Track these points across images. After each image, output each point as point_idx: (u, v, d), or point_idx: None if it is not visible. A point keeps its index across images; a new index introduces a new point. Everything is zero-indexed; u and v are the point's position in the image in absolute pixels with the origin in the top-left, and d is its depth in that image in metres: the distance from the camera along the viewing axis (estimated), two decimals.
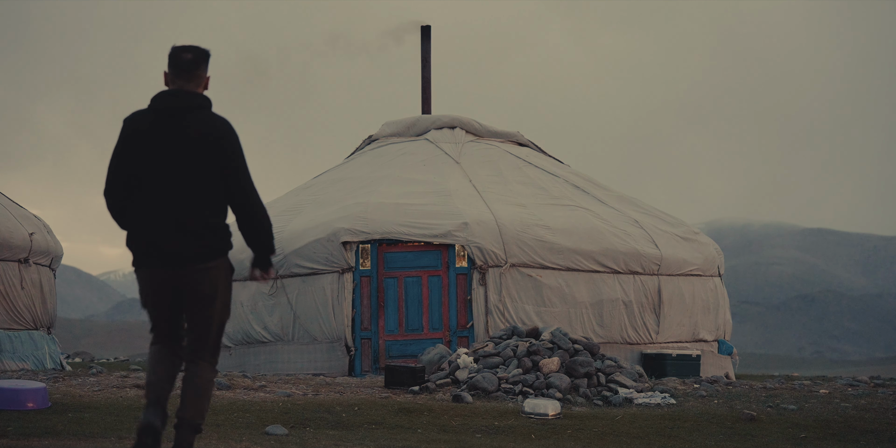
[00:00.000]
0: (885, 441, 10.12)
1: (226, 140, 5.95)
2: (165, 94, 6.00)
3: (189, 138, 5.91)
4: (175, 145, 5.91)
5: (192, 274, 5.97)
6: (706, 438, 9.95)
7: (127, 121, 6.07)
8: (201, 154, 5.91)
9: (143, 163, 5.94)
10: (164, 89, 6.04)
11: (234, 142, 5.99)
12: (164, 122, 5.94)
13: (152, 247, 5.94)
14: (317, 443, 8.88)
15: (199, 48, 6.06)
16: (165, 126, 5.94)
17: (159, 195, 5.92)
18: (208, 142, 5.92)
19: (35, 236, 17.98)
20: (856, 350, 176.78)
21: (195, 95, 6.00)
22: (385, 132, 19.84)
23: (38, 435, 8.64)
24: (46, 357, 17.97)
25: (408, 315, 15.74)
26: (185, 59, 6.00)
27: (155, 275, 5.99)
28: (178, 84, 6.01)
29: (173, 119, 5.94)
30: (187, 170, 5.91)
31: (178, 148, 5.91)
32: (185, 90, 5.99)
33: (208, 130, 5.93)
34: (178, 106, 5.95)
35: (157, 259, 5.95)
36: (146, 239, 5.95)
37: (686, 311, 17.14)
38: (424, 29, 20.46)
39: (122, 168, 6.00)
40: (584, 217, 16.90)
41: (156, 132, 5.94)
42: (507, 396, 11.99)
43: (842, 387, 14.44)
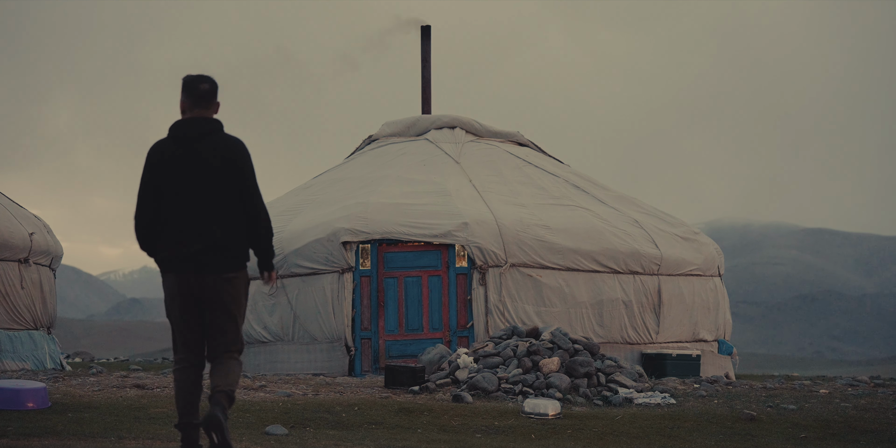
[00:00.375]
0: (885, 441, 10.12)
1: (240, 160, 6.67)
2: (183, 122, 6.71)
3: (209, 161, 6.62)
4: (197, 168, 6.62)
5: (215, 282, 6.62)
6: (706, 438, 9.95)
7: (151, 150, 6.75)
8: (220, 174, 6.64)
9: (171, 185, 6.63)
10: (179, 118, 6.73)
11: (247, 161, 6.71)
12: (186, 147, 6.64)
13: (182, 255, 6.61)
14: (317, 443, 8.88)
15: (212, 79, 6.74)
16: (187, 151, 6.64)
17: (187, 213, 6.62)
18: (225, 163, 6.64)
19: (35, 236, 17.98)
20: (856, 350, 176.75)
21: (211, 121, 6.70)
22: (385, 132, 19.84)
23: (38, 435, 8.64)
24: (46, 357, 17.97)
25: (408, 315, 15.74)
26: (203, 90, 6.69)
27: (183, 280, 6.63)
28: (197, 112, 6.70)
29: (193, 144, 6.64)
30: (210, 189, 6.62)
31: (199, 170, 6.62)
32: (202, 117, 6.69)
33: (224, 152, 6.65)
34: (197, 132, 6.66)
35: (187, 265, 6.61)
36: (177, 249, 6.62)
37: (686, 311, 17.14)
38: (424, 29, 20.46)
39: (150, 193, 6.68)
40: (584, 217, 16.90)
41: (179, 157, 6.63)
42: (507, 396, 11.99)
43: (842, 387, 14.44)
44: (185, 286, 6.64)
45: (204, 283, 6.61)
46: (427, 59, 20.31)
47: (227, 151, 6.66)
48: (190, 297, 6.65)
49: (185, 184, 6.62)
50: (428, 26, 20.48)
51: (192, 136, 6.66)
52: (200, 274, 6.61)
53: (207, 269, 6.60)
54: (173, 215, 6.63)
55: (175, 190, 6.63)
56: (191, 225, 6.61)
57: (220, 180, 6.64)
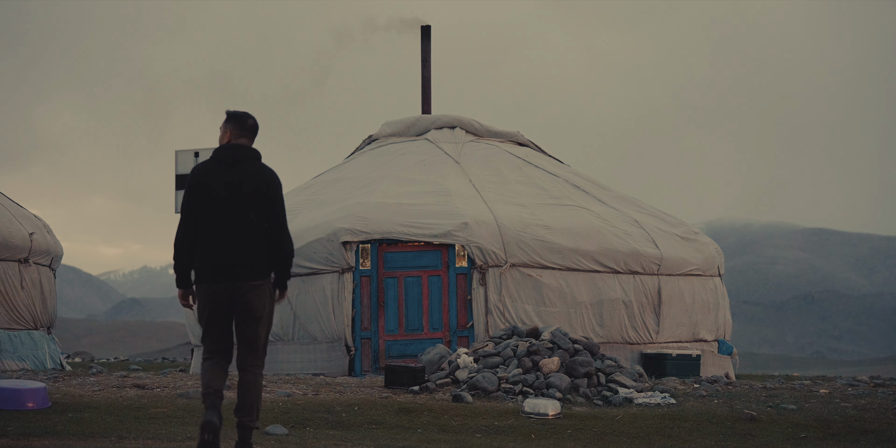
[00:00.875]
0: (885, 441, 10.12)
1: (272, 189, 7.51)
2: (227, 147, 7.53)
3: (244, 184, 7.46)
4: (235, 189, 7.45)
5: (244, 290, 7.42)
6: (706, 438, 9.95)
7: (195, 171, 7.58)
8: (254, 198, 7.46)
9: (209, 203, 7.45)
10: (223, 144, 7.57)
11: (278, 190, 7.55)
12: (227, 170, 7.48)
13: (216, 267, 7.41)
14: (317, 443, 8.88)
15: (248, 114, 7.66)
16: (228, 173, 7.48)
17: (222, 231, 7.43)
18: (260, 188, 7.47)
19: (35, 236, 17.98)
20: (856, 350, 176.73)
21: (251, 149, 7.56)
22: (385, 132, 19.84)
23: (38, 435, 8.64)
24: (46, 357, 17.97)
25: (408, 315, 15.73)
26: (250, 123, 7.61)
27: (216, 290, 7.43)
28: (240, 140, 7.56)
29: (233, 167, 7.48)
30: (243, 210, 7.45)
31: (235, 191, 7.45)
32: (243, 145, 7.54)
33: (259, 179, 7.49)
34: (240, 157, 7.50)
35: (220, 276, 7.40)
36: (211, 261, 7.42)
37: (686, 310, 17.14)
38: (424, 29, 20.46)
39: (192, 213, 7.49)
40: (584, 217, 16.89)
41: (220, 178, 7.47)
42: (507, 396, 11.98)
43: (842, 387, 14.44)
44: (217, 295, 7.43)
45: (234, 291, 7.41)
46: (427, 59, 20.31)
47: (262, 179, 7.49)
48: (220, 304, 7.45)
49: (222, 203, 7.44)
50: (428, 26, 20.48)
51: (234, 160, 7.48)
52: (232, 283, 7.40)
53: (237, 279, 7.40)
54: (210, 232, 7.44)
55: (212, 208, 7.45)
56: (225, 242, 7.42)
57: (252, 203, 7.45)
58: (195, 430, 9.30)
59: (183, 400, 11.12)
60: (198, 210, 7.45)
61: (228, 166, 7.47)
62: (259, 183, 7.47)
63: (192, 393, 11.44)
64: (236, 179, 7.44)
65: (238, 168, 7.47)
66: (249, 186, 7.45)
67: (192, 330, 17.99)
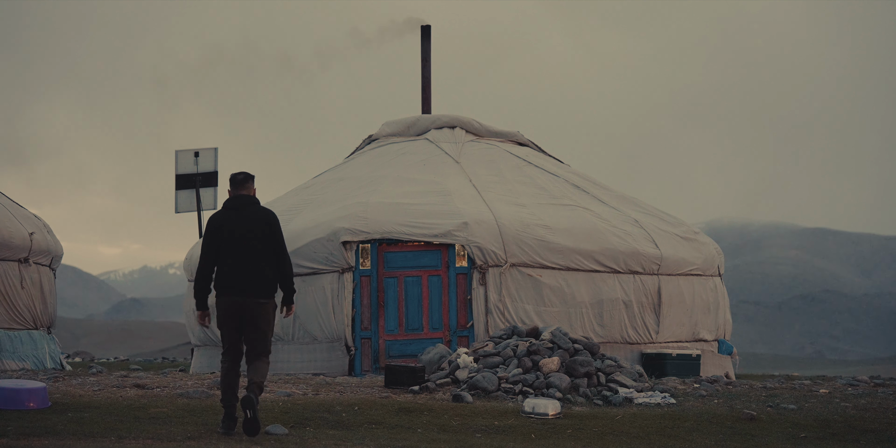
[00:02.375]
0: (885, 441, 10.12)
1: (272, 225, 9.68)
2: (233, 198, 9.78)
3: (251, 223, 9.64)
4: (243, 228, 9.62)
5: (253, 306, 9.55)
6: (706, 438, 9.95)
7: (212, 218, 9.75)
8: (259, 233, 9.63)
9: (226, 239, 9.59)
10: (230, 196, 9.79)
11: (277, 226, 9.74)
12: (236, 214, 9.68)
13: (232, 287, 9.55)
14: (317, 442, 8.88)
15: (246, 172, 9.87)
16: (237, 217, 9.67)
17: (236, 259, 9.57)
18: (262, 226, 9.65)
19: (35, 236, 17.97)
20: (856, 350, 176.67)
21: (250, 197, 9.80)
22: (385, 132, 19.82)
23: (38, 434, 8.64)
24: (46, 357, 17.97)
25: (408, 315, 15.73)
26: (240, 178, 9.82)
27: (232, 302, 9.54)
28: (241, 192, 9.79)
29: (241, 211, 9.70)
30: (251, 244, 9.60)
31: (244, 230, 9.61)
32: (244, 195, 9.78)
33: (262, 219, 9.69)
34: (242, 204, 9.73)
35: (234, 292, 9.54)
36: (228, 281, 9.56)
37: (686, 310, 17.13)
38: (424, 29, 20.44)
39: (213, 250, 9.62)
40: (584, 217, 16.89)
41: (231, 221, 9.65)
42: (507, 396, 11.98)
43: (842, 386, 14.43)
44: (232, 306, 9.55)
45: (245, 305, 9.52)
46: (427, 59, 20.30)
47: (264, 219, 9.71)
48: (235, 313, 9.55)
49: (235, 239, 9.58)
50: (428, 26, 20.46)
51: (238, 206, 9.73)
52: (243, 298, 9.52)
53: (246, 296, 9.52)
54: (227, 261, 9.59)
55: (228, 243, 9.58)
56: (238, 268, 9.56)
57: (258, 238, 9.62)
58: (195, 429, 9.30)
59: (183, 400, 11.12)
60: (217, 247, 9.61)
61: (237, 211, 9.70)
62: (261, 222, 9.68)
63: (192, 393, 11.44)
64: (244, 221, 9.65)
65: (244, 212, 9.70)
66: (254, 225, 9.64)
67: (191, 330, 17.99)
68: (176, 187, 22.92)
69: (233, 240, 9.59)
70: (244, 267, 9.55)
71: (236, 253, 9.57)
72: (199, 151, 22.91)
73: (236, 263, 9.56)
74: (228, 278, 9.56)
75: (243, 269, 9.55)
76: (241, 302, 9.52)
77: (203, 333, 17.46)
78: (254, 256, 9.57)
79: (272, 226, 9.68)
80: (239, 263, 9.55)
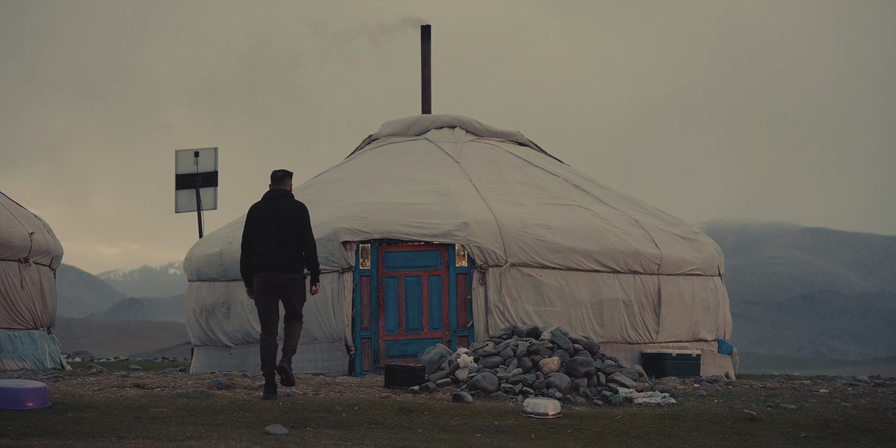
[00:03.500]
0: (886, 440, 10.12)
1: (302, 215, 11.58)
2: (270, 191, 11.73)
3: (284, 213, 11.55)
4: (277, 216, 11.55)
5: (285, 281, 11.48)
6: (706, 438, 9.95)
7: (252, 208, 11.74)
8: (290, 221, 11.52)
9: (262, 226, 11.56)
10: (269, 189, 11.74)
11: (306, 215, 11.60)
12: (271, 204, 11.64)
13: (268, 264, 11.47)
14: (317, 442, 8.88)
15: (285, 170, 11.83)
16: (272, 207, 11.63)
17: (272, 242, 11.50)
18: (293, 215, 11.55)
19: (35, 236, 17.97)
20: (856, 350, 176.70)
21: (284, 191, 11.73)
22: (385, 132, 19.82)
23: (38, 434, 8.65)
24: (46, 357, 17.97)
25: (408, 315, 15.73)
26: (278, 175, 11.80)
27: (267, 277, 11.46)
28: (279, 186, 11.74)
29: (275, 202, 11.63)
30: (283, 229, 11.51)
31: (278, 218, 11.54)
32: (279, 189, 11.72)
33: (293, 209, 11.59)
34: (278, 196, 11.68)
35: (269, 270, 11.47)
36: (265, 261, 11.47)
37: (686, 310, 17.13)
38: (424, 29, 20.43)
39: (252, 234, 11.59)
40: (584, 216, 16.89)
41: (266, 211, 11.63)
42: (507, 396, 11.98)
43: (842, 386, 14.43)
44: (269, 281, 11.45)
45: (277, 280, 11.44)
46: (427, 59, 20.29)
47: (294, 209, 11.59)
48: (270, 287, 11.46)
49: (270, 226, 11.51)
50: (428, 26, 20.46)
51: (274, 198, 11.67)
52: (276, 275, 11.43)
53: (279, 272, 11.43)
54: (263, 243, 11.51)
55: (264, 228, 11.52)
56: (273, 249, 11.46)
57: (289, 225, 11.50)
58: (195, 429, 9.31)
59: (183, 400, 11.12)
60: (254, 232, 11.54)
61: (272, 202, 11.63)
62: (291, 212, 11.54)
63: (192, 393, 11.44)
64: (277, 211, 11.56)
65: (278, 203, 11.61)
66: (287, 215, 11.52)
67: (191, 330, 18.00)
68: (176, 187, 22.92)
69: (267, 226, 11.53)
70: (276, 249, 11.44)
71: (269, 237, 11.49)
72: (199, 151, 22.91)
73: (269, 246, 11.46)
74: (264, 258, 11.46)
75: (275, 250, 11.44)
76: (273, 277, 11.42)
77: (203, 333, 17.47)
78: (284, 240, 11.45)
79: (301, 215, 11.55)
80: (272, 246, 11.46)
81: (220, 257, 17.12)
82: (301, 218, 11.49)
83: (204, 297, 17.44)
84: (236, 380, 12.73)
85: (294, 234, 11.44)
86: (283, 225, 11.46)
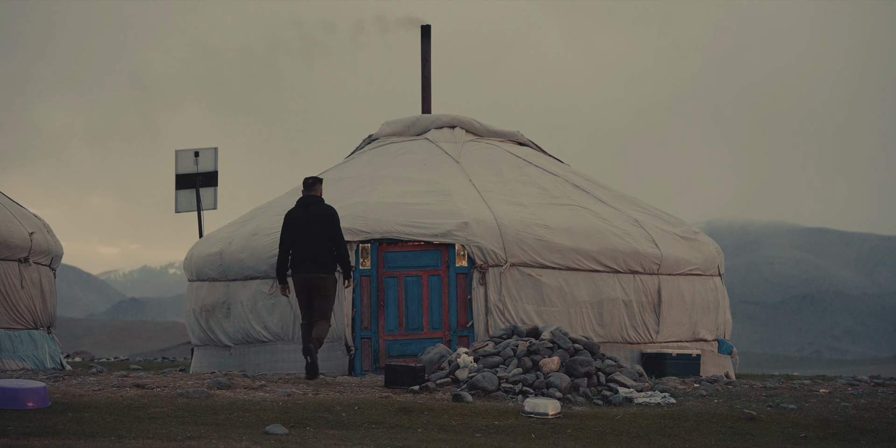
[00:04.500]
0: (886, 440, 10.12)
1: (333, 219, 13.09)
2: (303, 198, 13.26)
3: (316, 217, 13.07)
4: (310, 221, 13.08)
5: (316, 280, 13.07)
6: (706, 438, 9.95)
7: (287, 214, 13.30)
8: (322, 225, 13.03)
9: (297, 230, 13.10)
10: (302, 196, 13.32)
11: (337, 219, 13.12)
12: (304, 210, 13.16)
13: (302, 264, 13.09)
14: (317, 442, 8.88)
15: (316, 176, 13.41)
16: (304, 213, 13.14)
17: (305, 244, 13.08)
18: (325, 219, 13.06)
19: (35, 236, 17.96)
20: (855, 349, 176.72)
21: (316, 197, 13.24)
22: (385, 131, 19.82)
23: (38, 434, 8.65)
24: (46, 356, 17.96)
25: (408, 314, 15.72)
26: (309, 182, 13.33)
27: (302, 277, 13.09)
28: (310, 192, 13.27)
29: (307, 208, 13.15)
30: (317, 232, 13.05)
31: (311, 222, 13.07)
32: (311, 195, 13.26)
33: (325, 213, 13.10)
34: (310, 202, 13.19)
35: (303, 269, 13.09)
36: (301, 262, 13.09)
37: (686, 310, 17.13)
38: (424, 29, 20.42)
39: (288, 238, 13.17)
40: (584, 216, 16.88)
41: (300, 216, 13.16)
42: (507, 396, 11.98)
43: (842, 386, 14.43)
44: (302, 280, 13.07)
45: (311, 279, 13.04)
46: (427, 59, 20.28)
47: (325, 213, 13.08)
48: (305, 285, 13.09)
49: (304, 230, 13.03)
50: (428, 26, 20.45)
51: (306, 204, 13.18)
52: (309, 274, 13.03)
53: (312, 272, 13.03)
54: (298, 246, 13.09)
55: (299, 233, 13.05)
56: (306, 251, 13.05)
57: (321, 228, 13.00)
58: (195, 429, 9.31)
59: (183, 400, 11.12)
60: (290, 236, 13.07)
61: (304, 208, 13.14)
62: (322, 216, 13.04)
63: (192, 393, 11.44)
64: (310, 215, 13.06)
65: (310, 208, 13.10)
66: (318, 218, 13.00)
67: (191, 330, 18.00)
68: (176, 187, 22.91)
69: (300, 230, 12.99)
70: (309, 250, 12.96)
71: (303, 240, 12.99)
72: (199, 151, 22.90)
73: (303, 248, 12.98)
74: (298, 259, 13.03)
75: (308, 252, 12.96)
76: (308, 277, 12.98)
77: (203, 333, 17.47)
78: (316, 242, 12.95)
79: (331, 219, 12.99)
80: (305, 248, 12.97)
81: (220, 257, 17.12)
82: (332, 219, 12.98)
83: (204, 297, 17.44)
84: (236, 380, 12.73)
85: (324, 236, 12.95)
86: (314, 229, 12.94)
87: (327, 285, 13.00)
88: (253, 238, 16.74)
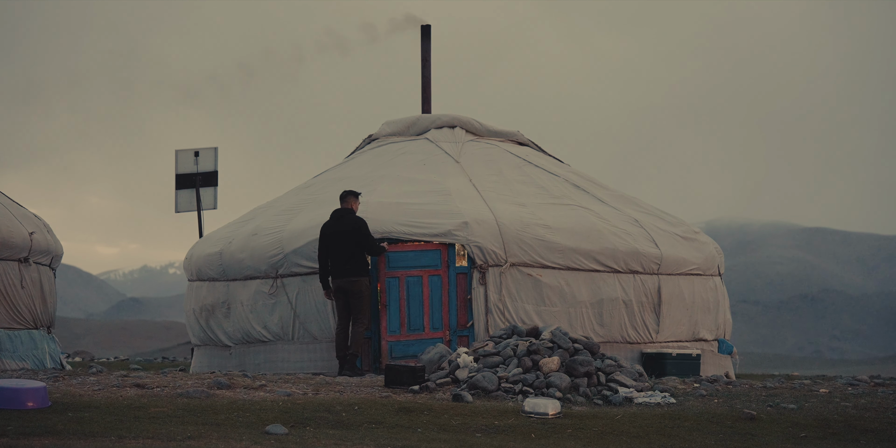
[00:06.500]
0: (886, 440, 10.12)
1: (363, 228, 14.73)
2: (336, 210, 14.92)
3: (348, 227, 14.70)
4: (343, 231, 14.73)
5: (349, 284, 14.67)
6: (706, 438, 9.95)
7: (323, 226, 14.93)
8: (353, 234, 14.68)
9: (333, 240, 14.73)
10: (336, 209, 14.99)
11: (367, 229, 14.77)
12: (336, 222, 14.82)
13: (337, 271, 14.72)
14: (317, 442, 8.88)
15: (351, 190, 15.31)
16: (336, 224, 14.81)
17: (337, 253, 14.70)
18: (356, 229, 14.69)
19: (35, 235, 17.96)
20: (855, 349, 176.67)
21: (348, 210, 14.93)
22: (385, 131, 19.81)
23: (38, 434, 8.65)
24: (46, 356, 17.96)
25: (409, 314, 15.71)
26: (342, 195, 15.07)
27: (337, 282, 14.70)
28: (344, 205, 15.00)
29: (339, 220, 14.81)
30: (349, 241, 14.69)
31: (344, 232, 14.71)
32: (344, 208, 14.97)
33: (356, 224, 14.73)
34: (340, 215, 14.87)
35: (338, 276, 14.72)
36: (335, 269, 14.73)
37: (686, 310, 17.13)
38: (424, 29, 20.42)
39: (325, 247, 14.80)
40: (584, 216, 16.88)
41: (333, 227, 14.81)
42: (507, 396, 11.98)
43: (842, 386, 14.43)
44: (338, 285, 14.66)
45: (344, 284, 14.65)
46: (427, 59, 20.28)
47: (355, 224, 14.72)
48: (340, 289, 14.68)
49: (338, 239, 14.69)
50: (428, 26, 20.45)
51: (338, 216, 14.87)
52: (343, 280, 14.65)
53: (344, 277, 14.67)
54: (333, 255, 14.73)
55: (334, 242, 14.70)
56: (339, 258, 14.68)
57: (352, 238, 14.67)
58: (195, 429, 9.31)
59: (183, 399, 11.12)
60: (326, 246, 14.73)
61: (337, 220, 14.81)
62: (352, 226, 14.66)
63: (192, 392, 11.44)
64: (342, 226, 14.71)
65: (342, 220, 14.76)
66: (347, 229, 14.65)
67: (191, 330, 18.00)
68: (176, 187, 22.91)
69: (334, 240, 14.64)
70: (340, 258, 14.59)
71: (337, 249, 14.61)
72: (199, 151, 22.90)
73: (337, 256, 14.60)
74: (334, 266, 14.65)
75: (340, 259, 14.59)
76: (341, 282, 14.59)
77: (203, 333, 17.47)
78: (346, 250, 14.56)
79: (361, 228, 14.64)
80: (339, 256, 14.59)
81: (220, 257, 17.12)
82: (360, 229, 14.61)
83: (204, 296, 17.44)
84: (236, 380, 12.72)
85: (354, 245, 14.56)
86: (347, 239, 14.56)
87: (359, 288, 14.54)
88: (253, 238, 16.75)
